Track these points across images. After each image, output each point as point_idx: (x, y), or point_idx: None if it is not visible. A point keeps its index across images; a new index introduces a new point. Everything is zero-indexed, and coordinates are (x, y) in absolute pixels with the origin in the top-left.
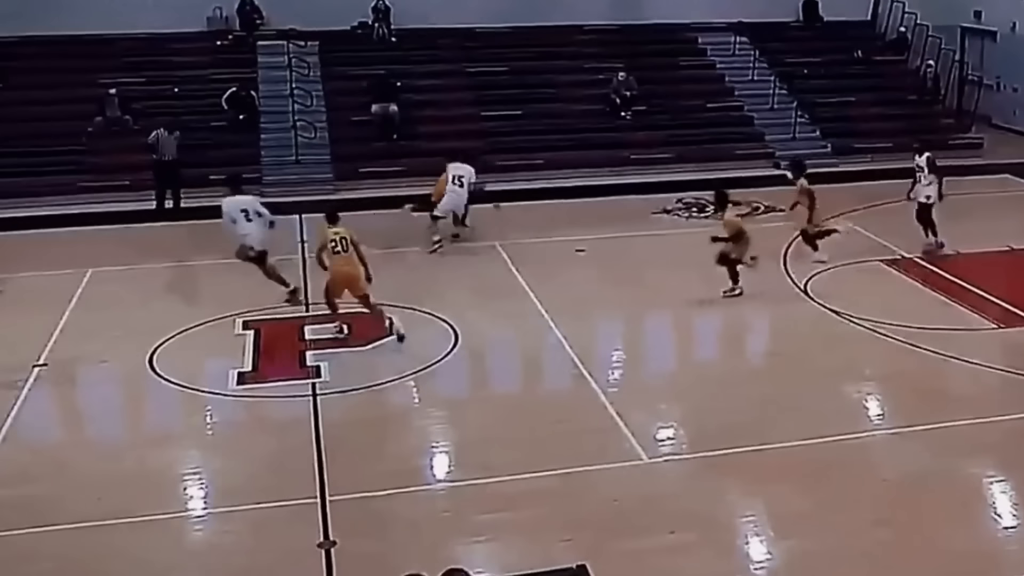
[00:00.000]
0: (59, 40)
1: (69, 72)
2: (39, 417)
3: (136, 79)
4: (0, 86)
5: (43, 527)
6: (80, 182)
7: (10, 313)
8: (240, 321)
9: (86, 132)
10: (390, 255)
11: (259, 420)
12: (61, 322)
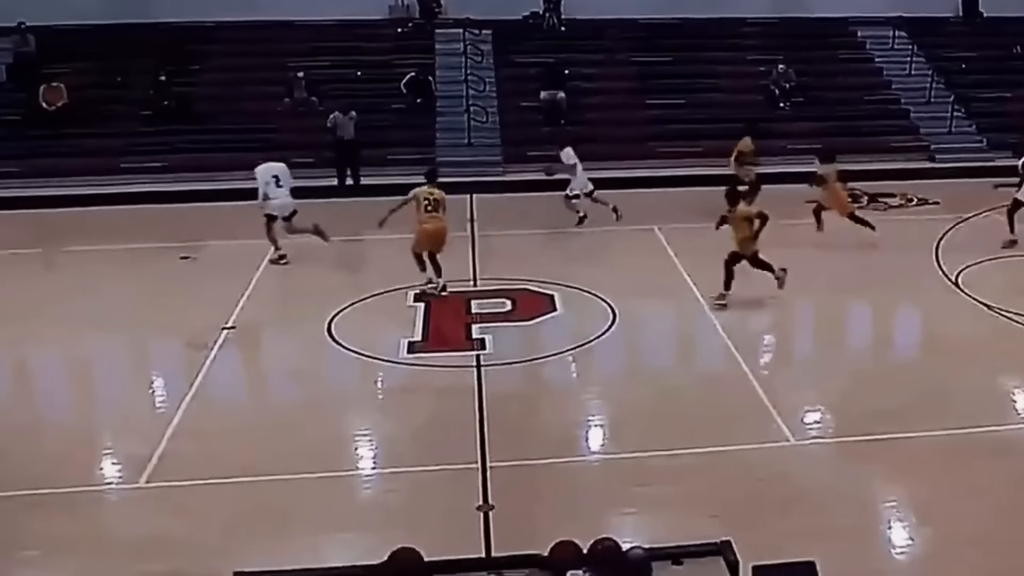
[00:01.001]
0: (253, 25)
1: (261, 55)
2: (225, 377)
3: (322, 63)
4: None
5: (225, 479)
6: (269, 159)
7: (202, 279)
8: (412, 293)
9: (276, 112)
10: (554, 235)
11: (426, 387)
12: (248, 289)
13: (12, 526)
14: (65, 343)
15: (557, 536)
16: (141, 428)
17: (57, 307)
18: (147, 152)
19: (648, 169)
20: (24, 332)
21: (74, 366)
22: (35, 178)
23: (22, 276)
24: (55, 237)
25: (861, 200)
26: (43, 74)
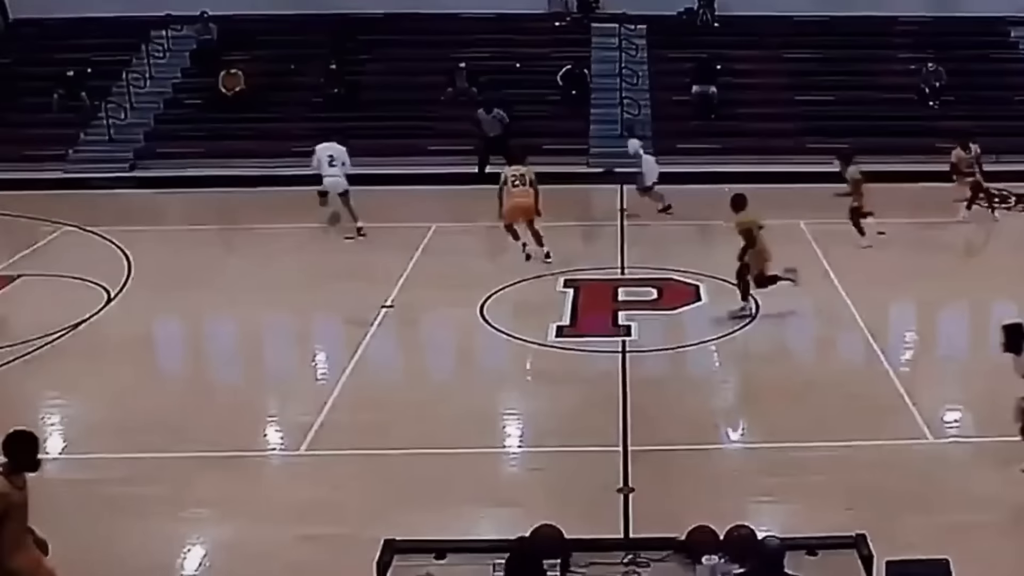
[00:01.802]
0: (420, 16)
1: (426, 46)
2: (382, 353)
3: (482, 54)
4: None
5: (378, 450)
6: (429, 146)
7: (364, 259)
8: (562, 279)
9: (438, 101)
10: (700, 227)
11: (573, 371)
12: (407, 269)
13: (184, 485)
14: (237, 315)
15: (694, 521)
16: (303, 398)
17: (230, 281)
18: (317, 137)
19: (797, 165)
20: (201, 303)
21: (245, 337)
22: (214, 159)
23: (201, 251)
24: (231, 215)
25: (1009, 200)
26: (223, 61)
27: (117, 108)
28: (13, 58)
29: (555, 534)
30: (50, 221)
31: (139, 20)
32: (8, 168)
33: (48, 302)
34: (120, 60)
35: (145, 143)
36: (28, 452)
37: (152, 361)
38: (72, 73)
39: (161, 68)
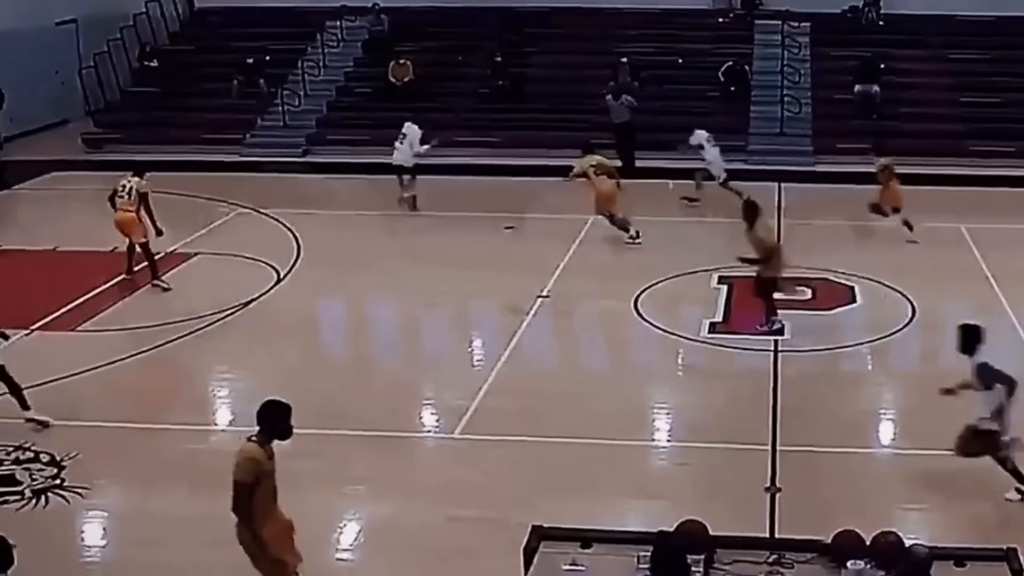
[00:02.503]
0: (586, 11)
1: (591, 40)
2: (537, 342)
3: (645, 49)
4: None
5: (530, 437)
6: (592, 139)
7: (522, 249)
8: (716, 276)
9: (600, 94)
10: (858, 227)
11: (724, 367)
12: (564, 261)
13: (343, 462)
14: (398, 298)
15: (840, 524)
16: (459, 383)
17: (393, 265)
18: (481, 127)
19: (960, 167)
20: (365, 285)
21: (405, 320)
22: (381, 146)
23: (366, 234)
24: (395, 202)
25: None
26: (393, 51)
27: (292, 95)
28: (197, 45)
29: (700, 530)
30: (226, 202)
31: (315, 11)
32: (189, 151)
33: (221, 280)
34: (296, 49)
35: (317, 129)
36: (283, 421)
37: (317, 340)
38: (251, 61)
39: (334, 57)
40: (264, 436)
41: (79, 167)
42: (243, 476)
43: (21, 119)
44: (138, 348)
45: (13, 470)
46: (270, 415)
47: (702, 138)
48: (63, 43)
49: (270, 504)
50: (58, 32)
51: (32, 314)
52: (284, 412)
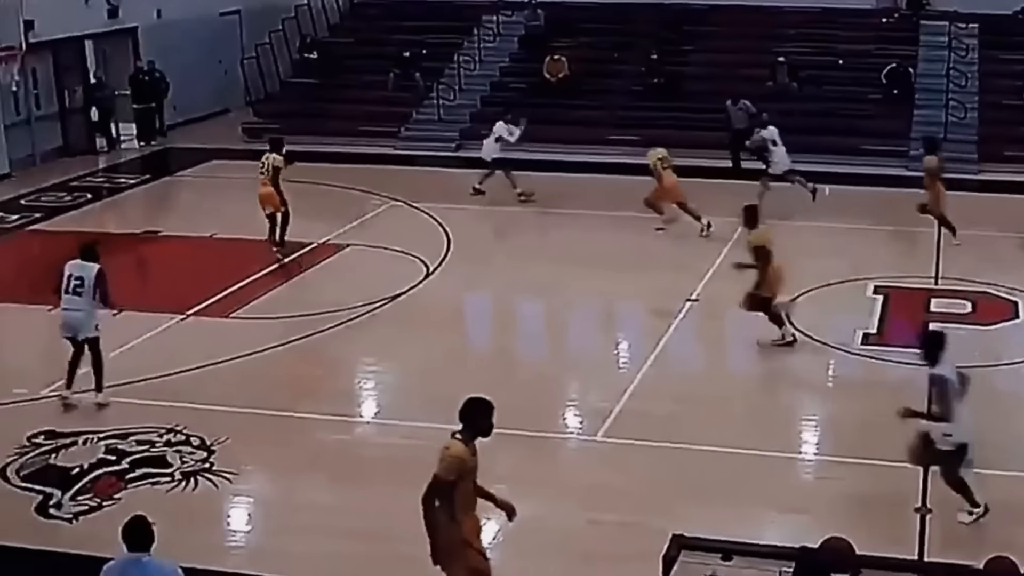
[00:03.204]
0: (745, 9)
1: (749, 39)
2: (684, 346)
3: (804, 49)
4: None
5: (673, 443)
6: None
7: (672, 250)
8: (872, 285)
9: (756, 95)
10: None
11: (877, 381)
12: (715, 264)
13: (486, 459)
14: (546, 296)
15: (994, 550)
16: (604, 385)
17: (541, 263)
18: (633, 126)
19: None
20: (513, 282)
21: (552, 318)
22: (533, 143)
23: (515, 231)
24: (546, 199)
25: None
26: (548, 47)
27: (447, 89)
28: (355, 38)
29: (846, 548)
30: (379, 195)
31: (473, 5)
32: (345, 142)
33: (372, 272)
34: (452, 43)
35: (471, 124)
36: (486, 418)
37: (464, 335)
38: (408, 54)
39: (490, 52)
40: (468, 434)
41: (238, 156)
42: (446, 473)
43: (185, 107)
44: (288, 337)
45: (165, 452)
46: (474, 413)
47: (774, 134)
48: (227, 34)
49: (470, 503)
50: (222, 23)
51: (188, 299)
52: (487, 409)
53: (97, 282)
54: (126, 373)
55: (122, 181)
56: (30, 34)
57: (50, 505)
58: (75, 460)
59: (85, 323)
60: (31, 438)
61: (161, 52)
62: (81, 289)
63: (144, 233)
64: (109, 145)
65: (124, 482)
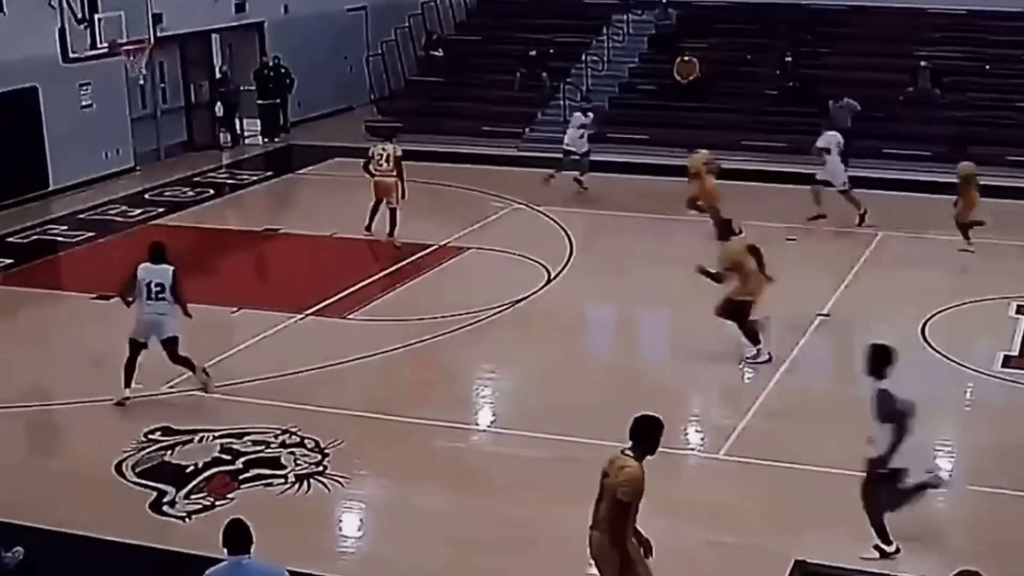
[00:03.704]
0: (886, 11)
1: (889, 42)
2: (813, 363)
3: (949, 54)
4: None
5: (798, 464)
6: (884, 148)
7: (803, 262)
8: (1015, 304)
9: (895, 101)
10: None
11: (1019, 406)
12: (847, 278)
13: None
14: (669, 306)
15: None
16: (727, 401)
17: (666, 271)
18: (767, 131)
19: None
20: (636, 290)
21: (676, 330)
22: (663, 147)
23: (639, 238)
24: (672, 205)
25: None
26: (679, 48)
27: (574, 90)
28: (482, 36)
29: None
30: (501, 197)
31: (603, 3)
32: (468, 142)
33: (492, 276)
34: (581, 42)
35: (598, 126)
36: (659, 437)
37: (584, 344)
38: (534, 53)
39: (619, 52)
40: (640, 452)
41: (360, 154)
42: (631, 496)
43: (309, 104)
44: (406, 340)
45: (279, 453)
46: (648, 431)
47: (832, 141)
48: (352, 30)
49: (632, 527)
50: (348, 18)
51: (306, 299)
52: (660, 428)
53: (175, 284)
54: (243, 372)
55: (244, 177)
56: (158, 27)
57: (164, 502)
58: (190, 458)
59: (169, 324)
60: (148, 434)
61: (287, 48)
62: (163, 295)
63: (264, 230)
64: (233, 141)
65: (237, 482)
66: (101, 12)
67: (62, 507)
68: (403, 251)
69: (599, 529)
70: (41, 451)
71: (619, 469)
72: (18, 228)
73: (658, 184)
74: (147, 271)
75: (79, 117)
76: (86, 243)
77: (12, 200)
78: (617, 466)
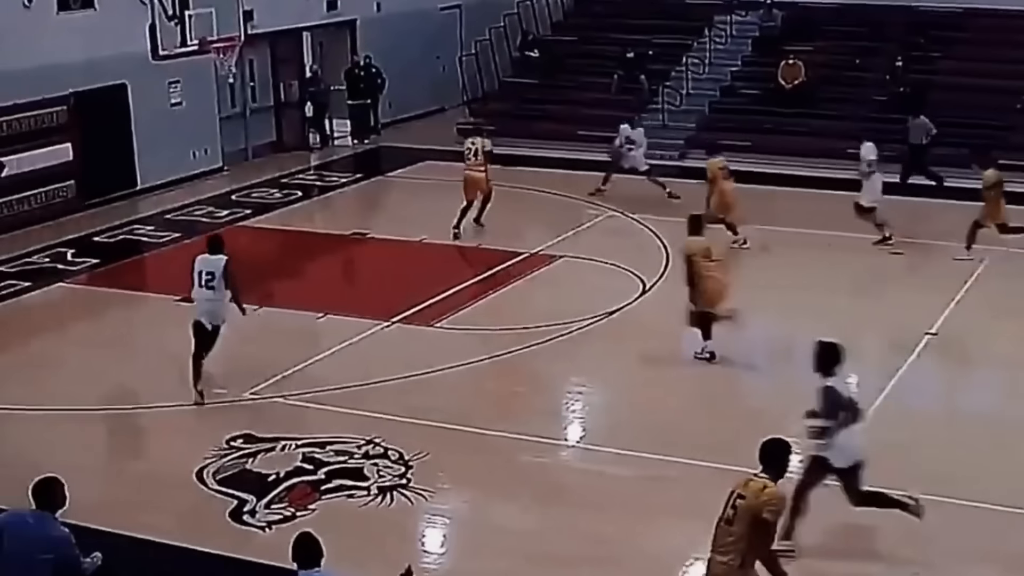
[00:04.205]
0: (1002, 13)
1: (1007, 46)
2: (921, 384)
3: None
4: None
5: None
6: (1000, 159)
7: (910, 278)
8: None
9: (1013, 109)
10: None
11: None
12: (958, 295)
13: (693, 494)
14: (771, 320)
15: None
16: None
17: (768, 284)
18: (874, 139)
19: None
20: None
21: (778, 345)
22: (765, 154)
23: (737, 250)
24: (775, 215)
25: None
26: (784, 50)
27: (673, 93)
28: (579, 36)
29: None
30: (595, 204)
31: (705, 4)
32: (562, 147)
33: (584, 286)
34: (682, 44)
35: (697, 132)
36: (789, 460)
37: (679, 359)
38: (632, 55)
39: (721, 54)
40: (772, 476)
41: (452, 158)
42: (777, 516)
43: (400, 105)
44: (493, 351)
45: (362, 464)
46: (779, 453)
47: (871, 152)
48: (446, 29)
49: None
50: (442, 17)
51: (393, 306)
52: (789, 451)
53: (225, 273)
54: (327, 379)
55: (333, 179)
56: (249, 25)
57: (244, 511)
58: (272, 467)
59: (219, 312)
60: (230, 441)
61: (379, 47)
62: (213, 283)
63: (352, 234)
64: (322, 142)
65: (319, 493)
66: (192, 9)
67: (142, 513)
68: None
69: (725, 553)
70: (123, 455)
71: (760, 490)
72: (105, 227)
73: (761, 193)
74: (202, 261)
75: (168, 115)
76: (172, 244)
77: (99, 199)
78: (757, 487)
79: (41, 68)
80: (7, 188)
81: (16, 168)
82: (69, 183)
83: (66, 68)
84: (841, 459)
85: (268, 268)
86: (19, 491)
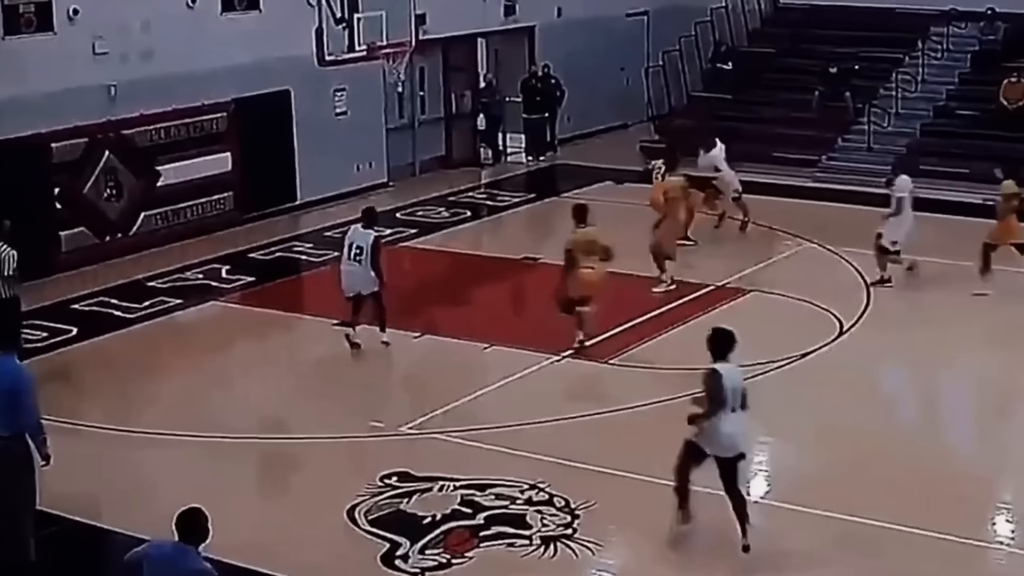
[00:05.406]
0: None
1: None
2: None
3: None
4: None
5: None
6: None
7: None
8: None
9: None
10: None
11: None
12: None
13: (867, 558)
14: (978, 374)
15: None
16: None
17: (970, 330)
18: None
19: None
20: (929, 354)
21: (980, 407)
22: (982, 183)
23: (941, 290)
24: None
25: None
26: (1006, 67)
27: (881, 113)
28: (777, 47)
29: None
30: (791, 234)
31: (919, 13)
32: (755, 169)
33: (775, 324)
34: (892, 58)
35: (907, 155)
36: None
37: (873, 412)
38: (835, 70)
39: (935, 71)
40: None
41: (634, 178)
42: None
43: (579, 119)
44: (673, 391)
45: (525, 511)
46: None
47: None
48: (632, 37)
49: None
50: (628, 24)
51: (565, 338)
52: None
53: (373, 249)
54: (492, 416)
55: (505, 199)
56: (421, 29)
57: (397, 555)
58: (428, 508)
59: (365, 281)
60: (384, 478)
61: (558, 55)
62: (360, 257)
63: (523, 259)
64: (494, 158)
65: (477, 539)
66: (361, 12)
67: (288, 552)
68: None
69: None
70: (271, 488)
71: None
72: (262, 243)
73: (975, 226)
74: (353, 233)
75: (332, 125)
76: (330, 263)
77: (257, 212)
78: None
79: (202, 71)
80: (162, 198)
81: (172, 178)
82: (227, 195)
83: (228, 72)
84: (718, 448)
85: (431, 293)
86: (164, 522)
